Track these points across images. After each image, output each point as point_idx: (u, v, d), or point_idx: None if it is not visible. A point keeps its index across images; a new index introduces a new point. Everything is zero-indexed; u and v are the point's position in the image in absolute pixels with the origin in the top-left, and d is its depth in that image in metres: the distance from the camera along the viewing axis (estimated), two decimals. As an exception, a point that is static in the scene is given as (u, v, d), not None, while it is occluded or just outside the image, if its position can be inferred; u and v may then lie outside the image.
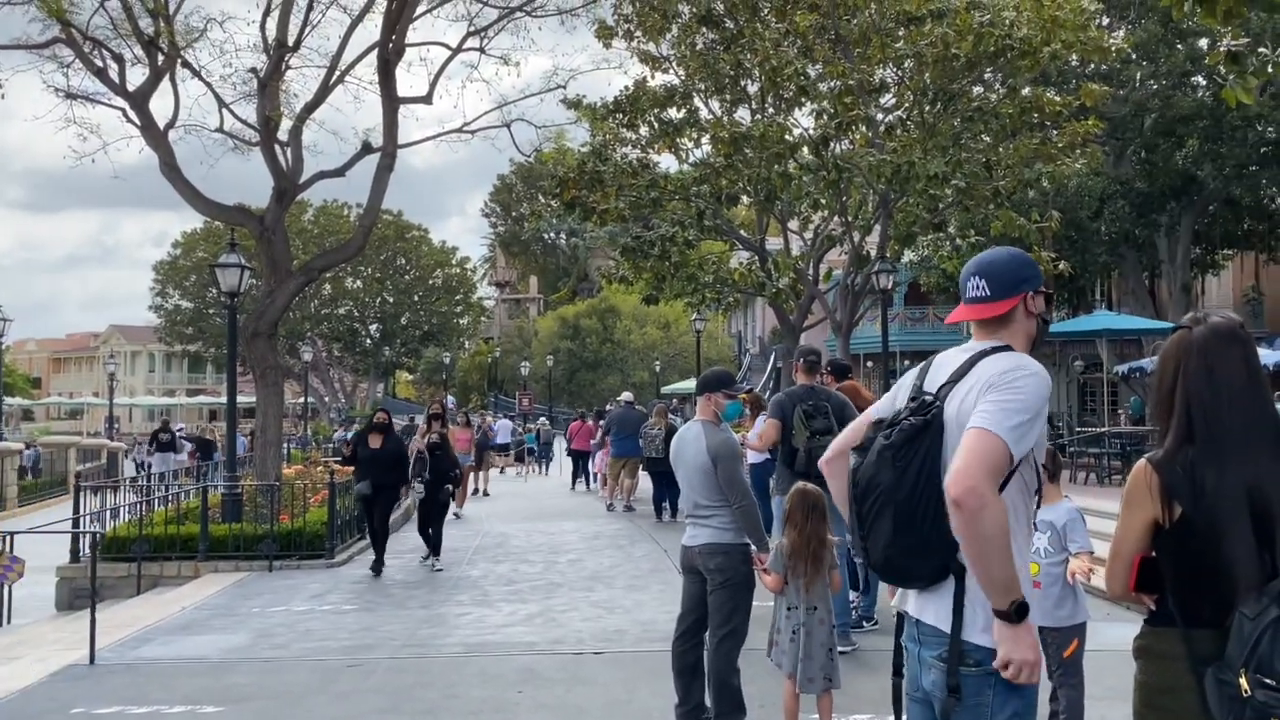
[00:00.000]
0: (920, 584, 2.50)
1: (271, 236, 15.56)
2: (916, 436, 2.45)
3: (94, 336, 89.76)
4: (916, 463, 2.43)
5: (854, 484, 2.55)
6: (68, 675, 7.38)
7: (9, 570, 10.44)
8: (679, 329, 51.77)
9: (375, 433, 11.81)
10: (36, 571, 11.04)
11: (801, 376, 7.45)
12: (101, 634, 7.94)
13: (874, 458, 2.50)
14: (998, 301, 2.61)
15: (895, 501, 2.43)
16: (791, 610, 5.01)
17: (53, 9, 14.50)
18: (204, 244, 55.79)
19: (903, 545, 2.44)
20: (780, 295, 19.75)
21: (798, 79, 17.24)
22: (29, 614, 11.59)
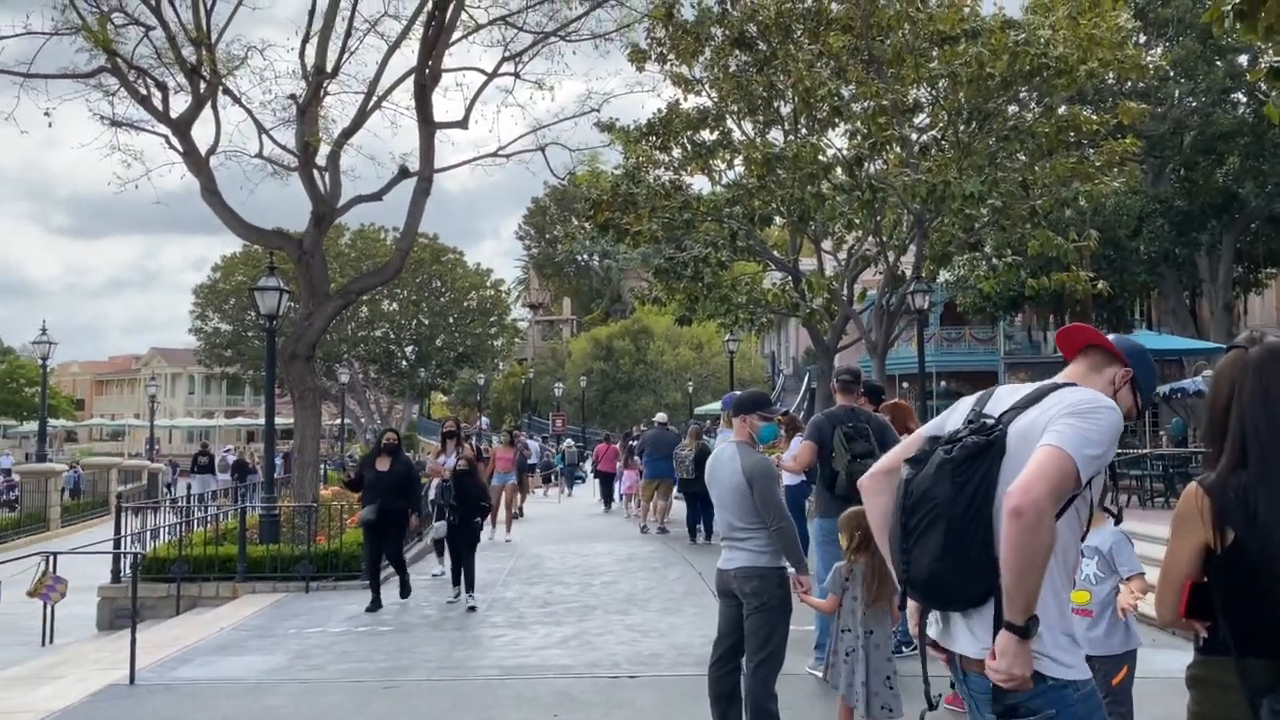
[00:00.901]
0: (960, 605, 2.46)
1: (310, 260, 15.75)
2: (979, 455, 2.43)
3: (135, 359, 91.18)
4: (975, 481, 2.40)
5: (906, 494, 2.52)
6: (108, 695, 7.45)
7: (52, 590, 10.61)
8: (712, 350, 51.71)
9: (383, 455, 10.95)
10: (78, 591, 11.20)
11: (840, 397, 7.37)
12: (141, 654, 8.01)
13: (932, 470, 2.47)
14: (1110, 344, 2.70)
15: (950, 516, 2.40)
16: (845, 633, 4.98)
17: (99, 39, 14.86)
18: (243, 268, 56.61)
19: (950, 562, 2.40)
20: (814, 316, 19.68)
21: (831, 99, 17.25)
22: (71, 633, 11.72)
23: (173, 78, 16.07)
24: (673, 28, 18.98)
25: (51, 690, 7.84)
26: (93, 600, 12.23)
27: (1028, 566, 2.28)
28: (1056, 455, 2.32)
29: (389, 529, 10.74)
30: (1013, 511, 2.28)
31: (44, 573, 10.55)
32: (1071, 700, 2.38)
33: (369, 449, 14.00)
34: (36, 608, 11.09)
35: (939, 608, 2.56)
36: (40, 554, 11.07)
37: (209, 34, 15.79)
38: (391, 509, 10.64)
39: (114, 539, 12.95)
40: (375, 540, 10.75)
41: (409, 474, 11.10)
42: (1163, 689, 5.76)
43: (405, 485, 10.92)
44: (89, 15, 15.34)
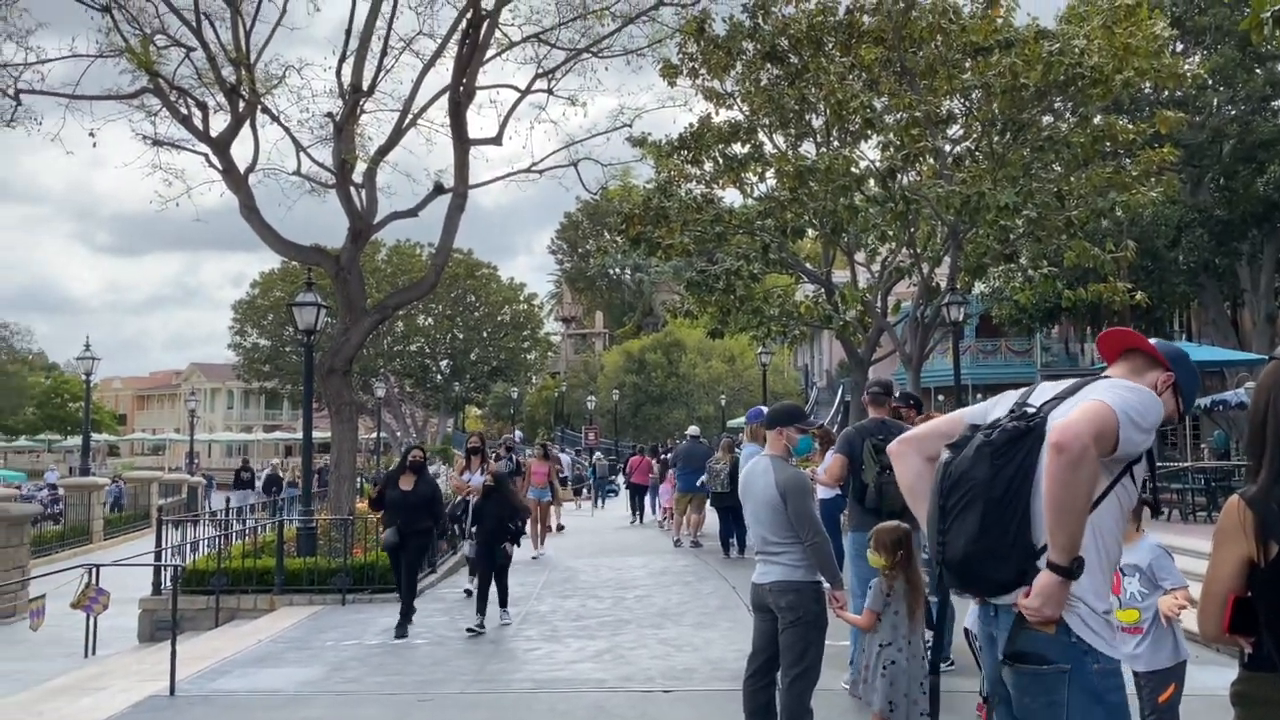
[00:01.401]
0: (992, 591, 2.48)
1: (347, 276, 15.95)
2: (1019, 439, 2.46)
3: (176, 374, 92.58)
4: (1014, 464, 2.43)
5: (945, 476, 2.54)
6: (149, 706, 7.55)
7: (94, 602, 10.78)
8: (744, 362, 51.58)
9: (408, 473, 10.37)
10: (120, 603, 11.38)
11: (871, 409, 7.34)
12: (181, 665, 8.11)
13: (971, 452, 2.50)
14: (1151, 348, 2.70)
15: (987, 498, 2.42)
16: (885, 647, 4.97)
17: (142, 61, 15.17)
18: (281, 284, 57.34)
19: (985, 544, 2.42)
20: (848, 328, 19.60)
21: (863, 112, 17.22)
22: (113, 644, 11.89)
23: (213, 97, 16.38)
24: (704, 42, 19.04)
25: (93, 701, 7.96)
26: (134, 612, 12.41)
27: (1069, 503, 2.30)
28: (1099, 405, 2.37)
29: (410, 550, 10.25)
30: (1054, 446, 2.30)
31: (87, 585, 10.73)
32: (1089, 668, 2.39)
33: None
34: (80, 619, 11.27)
35: (972, 592, 2.58)
36: (83, 566, 11.26)
37: (248, 54, 16.07)
38: (414, 530, 10.17)
39: (154, 552, 13.15)
40: (400, 560, 10.38)
41: (434, 494, 10.56)
42: (1207, 706, 5.66)
43: (430, 506, 10.35)
44: (132, 38, 15.68)
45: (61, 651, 11.72)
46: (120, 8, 15.73)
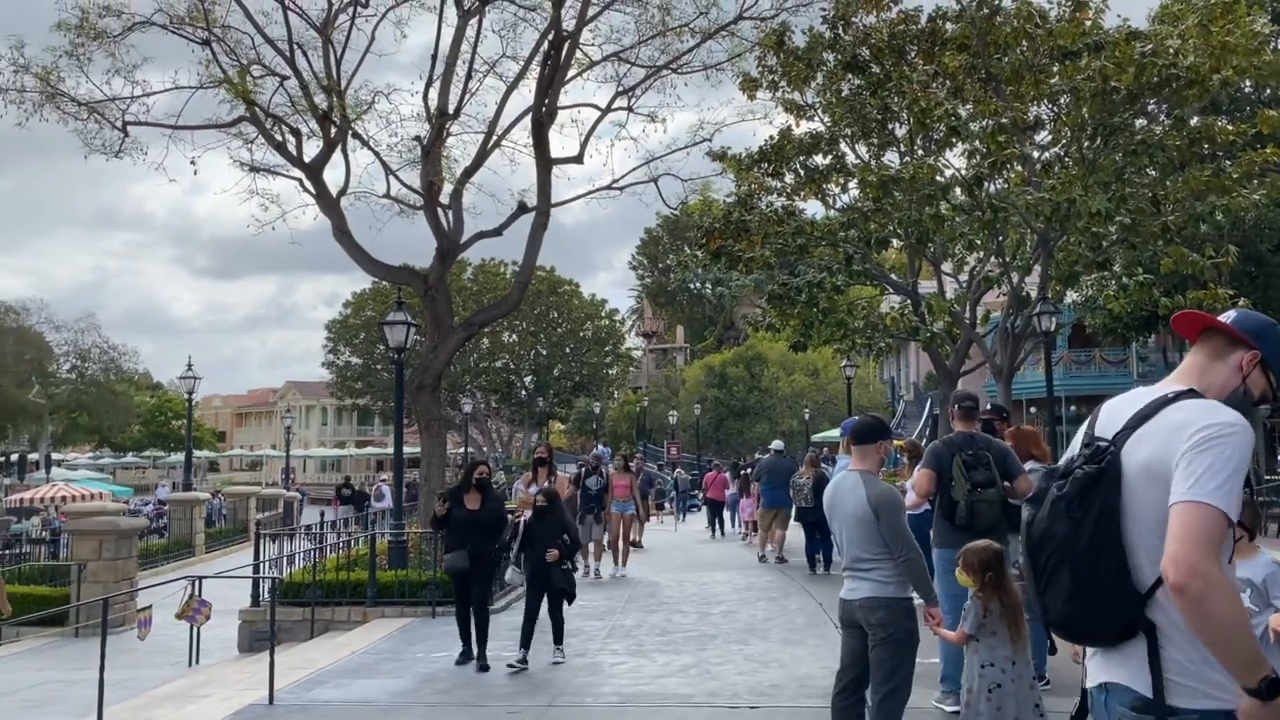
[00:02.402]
0: (1105, 642, 2.36)
1: (435, 294, 16.30)
2: (1092, 486, 2.33)
3: (272, 392, 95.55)
4: (1093, 514, 2.31)
5: (1028, 536, 2.46)
6: (249, 714, 7.80)
7: (197, 613, 11.17)
8: (828, 376, 51.02)
9: (474, 490, 9.59)
10: (221, 614, 11.77)
11: (959, 423, 7.20)
12: (279, 675, 8.37)
13: (1048, 509, 2.40)
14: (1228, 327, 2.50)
15: (1074, 555, 2.31)
16: (987, 668, 4.87)
17: (239, 91, 15.80)
18: (372, 303, 58.82)
19: (1084, 601, 2.31)
20: (935, 340, 19.24)
21: (948, 119, 16.94)
22: (215, 654, 12.31)
23: (305, 124, 16.94)
24: (784, 55, 18.98)
25: (197, 709, 8.26)
26: (234, 623, 12.82)
27: (1222, 634, 2.14)
28: (1197, 511, 2.17)
29: (481, 575, 9.48)
30: (1173, 590, 2.15)
31: (190, 596, 11.13)
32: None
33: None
34: (184, 629, 11.70)
35: (1084, 644, 2.48)
36: (187, 578, 11.70)
37: (339, 81, 16.60)
38: (483, 553, 9.37)
39: (253, 564, 13.58)
40: (465, 587, 9.53)
41: (502, 513, 9.79)
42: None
43: (499, 526, 9.59)
44: (230, 69, 16.34)
45: (167, 660, 12.17)
46: (219, 40, 16.42)
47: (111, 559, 15.72)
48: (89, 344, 70.53)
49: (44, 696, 10.32)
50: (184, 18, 16.20)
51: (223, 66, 16.38)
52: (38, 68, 15.78)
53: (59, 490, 34.84)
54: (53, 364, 69.89)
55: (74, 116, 16.15)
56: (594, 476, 15.84)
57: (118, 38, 16.06)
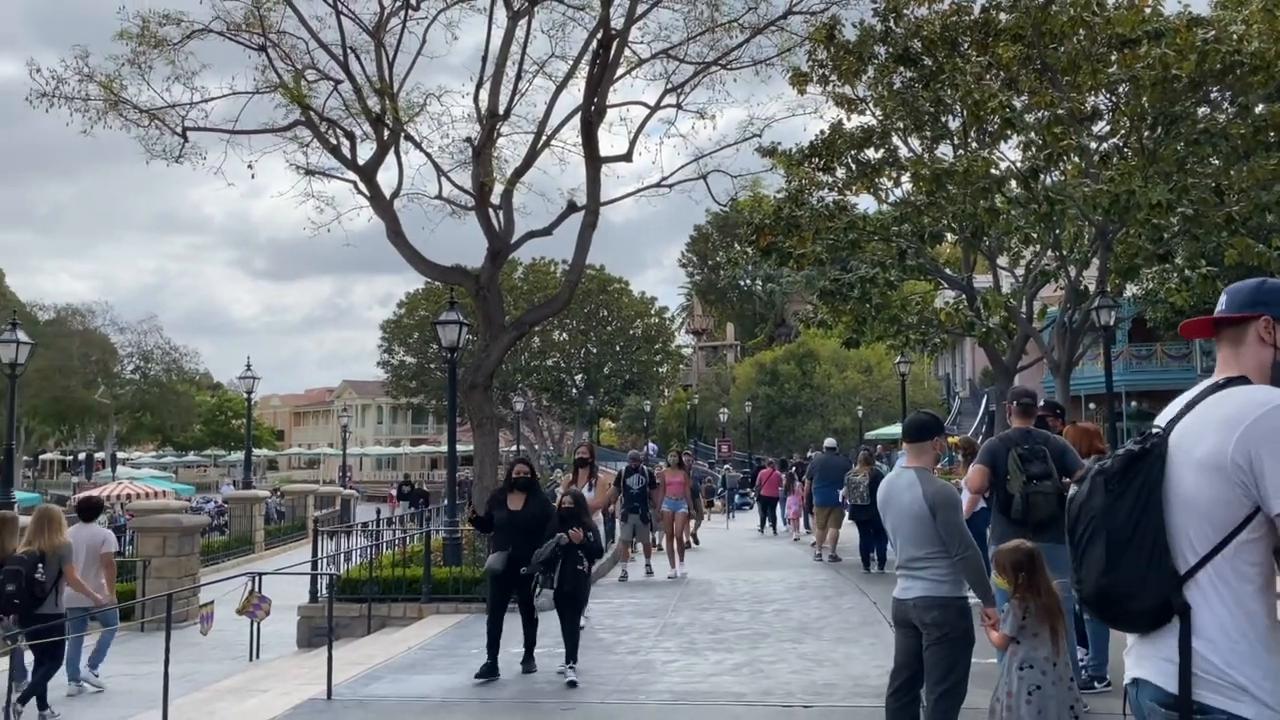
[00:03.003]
0: (1138, 624, 2.33)
1: (486, 294, 16.44)
2: (1134, 463, 2.32)
3: (329, 391, 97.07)
4: (1134, 490, 2.30)
5: (1068, 513, 2.45)
6: (308, 709, 7.93)
7: (258, 609, 11.39)
8: (882, 372, 50.53)
9: (515, 490, 9.10)
10: (280, 610, 11.97)
11: (1016, 420, 7.10)
12: (337, 670, 8.50)
13: (1088, 483, 2.39)
14: (1230, 314, 2.48)
15: (1109, 528, 2.30)
16: (1026, 669, 4.80)
17: (295, 95, 16.07)
18: (425, 303, 59.50)
19: (1116, 577, 2.29)
20: (991, 335, 18.96)
21: (1002, 111, 16.66)
22: (275, 649, 12.54)
23: (359, 127, 17.17)
24: (834, 48, 18.82)
25: (259, 703, 8.43)
26: (293, 618, 13.05)
27: None
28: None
29: (520, 579, 8.79)
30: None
31: (250, 592, 11.35)
32: None
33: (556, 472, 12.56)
34: (244, 624, 11.93)
35: (1117, 626, 2.46)
36: (247, 574, 11.94)
37: (391, 84, 16.80)
38: (525, 556, 8.67)
39: (311, 561, 13.81)
40: (502, 593, 8.92)
41: (546, 513, 8.99)
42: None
43: (540, 528, 8.83)
44: (285, 74, 16.63)
45: (229, 655, 12.43)
46: (274, 46, 16.71)
47: (175, 555, 16.06)
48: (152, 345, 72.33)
49: (111, 689, 10.58)
50: (240, 24, 16.52)
51: (278, 71, 16.69)
52: (101, 76, 16.20)
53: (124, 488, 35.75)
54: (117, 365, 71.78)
55: (136, 123, 16.55)
56: (635, 475, 15.39)
57: (177, 45, 16.42)
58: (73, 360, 65.11)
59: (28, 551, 8.80)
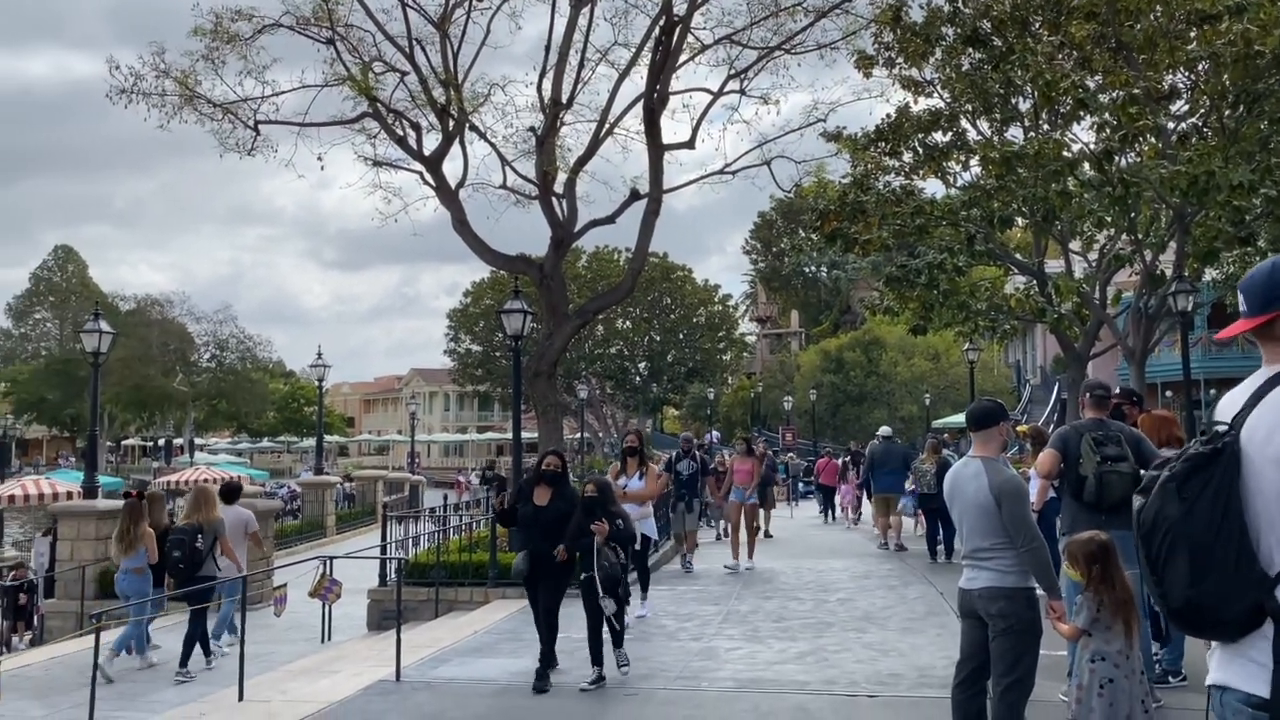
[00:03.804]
0: (1228, 633, 2.23)
1: (550, 283, 16.56)
2: (1204, 466, 2.21)
3: (398, 379, 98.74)
4: (1209, 494, 2.19)
5: (1139, 525, 2.34)
6: (377, 690, 8.11)
7: (329, 591, 11.65)
8: (950, 360, 49.73)
9: (543, 484, 8.42)
10: (351, 593, 12.25)
11: (1089, 412, 6.94)
12: (405, 653, 8.67)
13: (1158, 492, 2.29)
14: (1253, 317, 2.41)
15: (1189, 536, 2.19)
16: (1099, 661, 4.71)
17: (362, 88, 16.33)
18: (491, 292, 60.16)
19: (1204, 587, 2.19)
20: (1063, 321, 18.51)
21: (1075, 92, 16.21)
22: (346, 631, 12.82)
23: (425, 118, 17.41)
24: (900, 30, 18.49)
25: (330, 683, 8.64)
26: (363, 602, 13.33)
27: None
28: None
29: (544, 579, 8.25)
30: None
31: (322, 575, 11.62)
32: None
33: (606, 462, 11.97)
34: (316, 607, 12.22)
35: (1206, 636, 2.35)
36: (319, 558, 12.22)
37: (456, 75, 16.99)
38: (547, 555, 8.09)
39: (380, 545, 14.08)
40: (534, 591, 8.47)
41: (573, 510, 8.24)
42: None
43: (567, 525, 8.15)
44: (353, 67, 16.90)
45: (302, 636, 12.74)
46: (342, 39, 16.99)
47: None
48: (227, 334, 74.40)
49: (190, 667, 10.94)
50: (309, 18, 16.82)
51: (346, 64, 16.97)
52: (177, 72, 16.64)
53: (201, 473, 36.81)
54: (195, 354, 73.93)
55: (210, 117, 16.98)
56: (685, 460, 14.43)
57: (249, 40, 16.79)
58: (152, 349, 67.21)
59: (188, 524, 10.34)
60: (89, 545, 15.85)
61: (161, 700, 9.19)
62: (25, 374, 76.57)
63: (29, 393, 75.04)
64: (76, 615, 14.79)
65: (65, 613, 15.43)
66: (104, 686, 8.65)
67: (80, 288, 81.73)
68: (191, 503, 10.78)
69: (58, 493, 23.96)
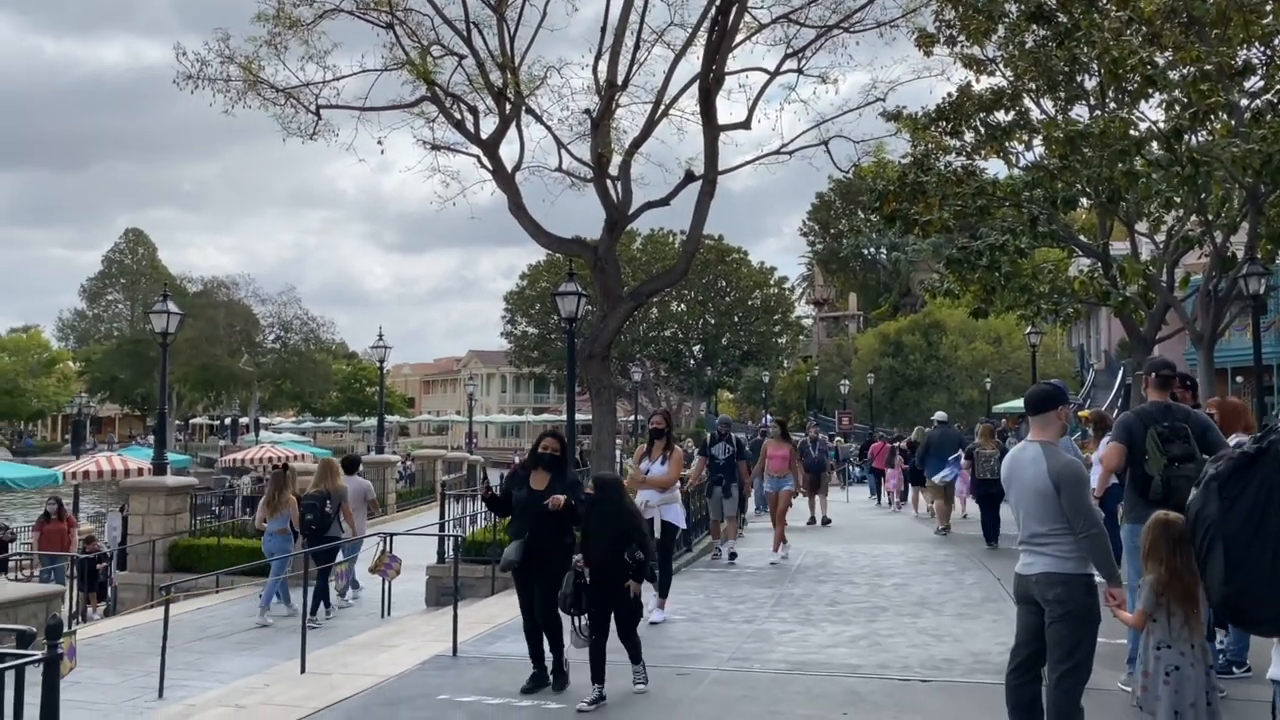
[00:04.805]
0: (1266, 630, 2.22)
1: (604, 265, 16.59)
2: (1248, 466, 2.20)
3: (456, 361, 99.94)
4: (1250, 494, 2.17)
5: (1187, 519, 2.34)
6: (435, 664, 8.28)
7: (389, 568, 11.91)
8: (1012, 344, 48.85)
9: (540, 468, 7.57)
10: (410, 570, 12.48)
11: (1153, 393, 6.77)
12: (462, 629, 8.83)
13: (1201, 489, 2.28)
14: None
15: (1225, 535, 2.19)
16: (1164, 649, 4.64)
17: (421, 71, 16.48)
18: (547, 275, 60.54)
19: (1238, 583, 2.18)
20: (1128, 305, 18.09)
21: (1143, 69, 15.79)
22: (404, 607, 13.07)
23: (482, 102, 17.50)
24: (962, 8, 18.13)
25: (389, 657, 8.84)
26: (422, 578, 13.56)
27: None
28: None
29: (542, 575, 7.42)
30: None
31: (382, 552, 11.88)
32: None
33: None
34: (377, 582, 12.49)
35: (1250, 631, 2.35)
36: (379, 535, 12.48)
37: (513, 58, 17.05)
38: (544, 546, 7.35)
39: (438, 523, 14.31)
40: (528, 590, 7.63)
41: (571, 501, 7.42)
42: None
43: (565, 513, 7.40)
44: (411, 50, 17.05)
45: (363, 612, 13.03)
46: (401, 23, 17.14)
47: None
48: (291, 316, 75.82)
49: (255, 639, 11.26)
50: (369, 2, 16.99)
51: (405, 48, 17.11)
52: (241, 58, 16.93)
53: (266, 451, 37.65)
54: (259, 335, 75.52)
55: (273, 102, 17.25)
56: (721, 444, 13.32)
57: (310, 25, 17.01)
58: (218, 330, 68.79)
59: (317, 491, 12.04)
60: (159, 520, 16.36)
61: (227, 670, 9.48)
62: (98, 354, 78.95)
63: (102, 372, 77.37)
64: (147, 587, 15.29)
65: (137, 585, 15.96)
66: (173, 655, 8.93)
67: (150, 270, 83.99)
68: (319, 472, 12.48)
69: (129, 469, 24.70)
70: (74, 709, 6.90)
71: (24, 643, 4.98)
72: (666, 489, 9.98)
